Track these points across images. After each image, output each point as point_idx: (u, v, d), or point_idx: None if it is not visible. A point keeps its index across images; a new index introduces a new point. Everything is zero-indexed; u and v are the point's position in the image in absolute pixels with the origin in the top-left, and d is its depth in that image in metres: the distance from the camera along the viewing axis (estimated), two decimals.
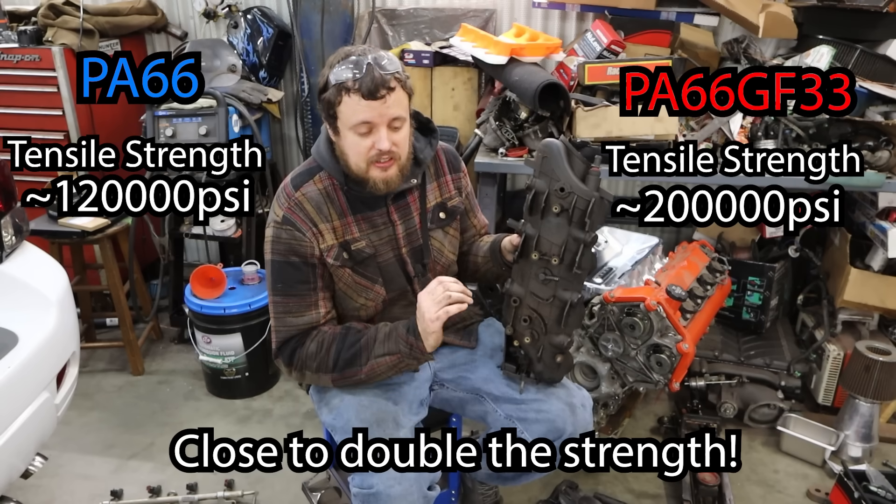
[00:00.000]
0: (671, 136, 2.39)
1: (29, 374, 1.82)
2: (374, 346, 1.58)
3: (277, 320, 1.64)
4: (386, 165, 1.55)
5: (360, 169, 1.56)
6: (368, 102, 1.47)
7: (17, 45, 3.00)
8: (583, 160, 1.52)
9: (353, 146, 1.54)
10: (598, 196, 1.47)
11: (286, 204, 1.61)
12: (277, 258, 1.61)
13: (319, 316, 1.63)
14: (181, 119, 2.87)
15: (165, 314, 3.31)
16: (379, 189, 1.58)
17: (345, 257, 1.62)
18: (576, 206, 1.48)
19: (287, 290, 1.61)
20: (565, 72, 2.66)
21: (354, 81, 1.47)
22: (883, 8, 2.52)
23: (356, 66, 1.47)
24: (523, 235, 1.56)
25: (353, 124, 1.51)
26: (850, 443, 2.43)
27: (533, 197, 1.53)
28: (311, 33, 3.13)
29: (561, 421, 1.63)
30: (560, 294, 1.55)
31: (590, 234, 1.49)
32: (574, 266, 1.52)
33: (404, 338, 1.56)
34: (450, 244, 1.78)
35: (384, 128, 1.51)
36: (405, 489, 1.49)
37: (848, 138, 2.47)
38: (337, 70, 1.49)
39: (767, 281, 2.78)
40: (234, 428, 2.69)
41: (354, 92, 1.47)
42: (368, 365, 1.58)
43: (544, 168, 1.52)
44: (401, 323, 1.59)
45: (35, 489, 2.35)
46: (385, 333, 1.59)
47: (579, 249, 1.50)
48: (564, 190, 1.49)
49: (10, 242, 2.05)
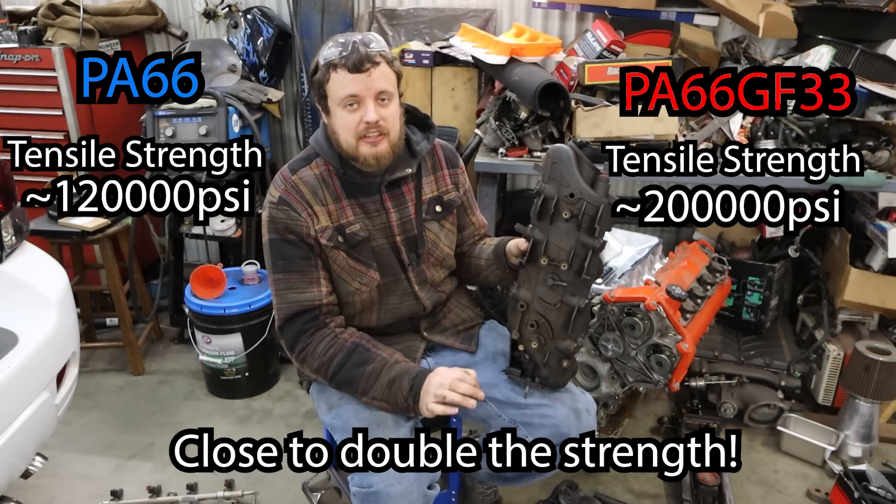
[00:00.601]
0: (671, 136, 2.39)
1: (29, 374, 1.82)
2: (375, 384, 1.58)
3: (279, 297, 1.64)
4: (375, 140, 1.57)
5: (351, 146, 1.58)
6: (354, 76, 1.52)
7: (17, 45, 3.00)
8: (592, 166, 1.52)
9: (343, 122, 1.57)
10: (607, 202, 1.48)
11: (282, 186, 1.64)
12: (275, 236, 1.63)
13: (321, 294, 1.63)
14: (181, 119, 2.87)
15: (165, 314, 3.32)
16: (370, 165, 1.60)
17: (339, 240, 1.64)
18: (585, 213, 1.48)
19: (288, 266, 1.62)
20: (565, 72, 2.66)
21: (341, 58, 1.52)
22: (883, 8, 2.52)
23: (343, 45, 1.53)
24: (531, 240, 1.56)
25: (341, 98, 1.54)
26: (850, 443, 2.43)
27: (542, 202, 1.53)
28: (311, 33, 3.13)
29: (566, 426, 1.63)
30: (568, 299, 1.55)
31: (599, 240, 1.50)
32: (583, 272, 1.52)
33: (404, 395, 1.56)
34: (446, 238, 1.78)
35: (371, 100, 1.54)
36: (405, 488, 1.49)
37: (848, 138, 2.47)
38: (325, 51, 1.55)
39: (767, 281, 2.78)
40: (234, 428, 2.69)
41: (341, 67, 1.52)
42: (365, 399, 1.60)
43: (553, 174, 1.52)
44: (407, 375, 1.57)
45: (35, 489, 2.35)
46: (389, 379, 1.57)
47: (588, 255, 1.50)
48: (574, 196, 1.49)
49: (10, 242, 2.05)
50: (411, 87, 2.91)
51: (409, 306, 1.76)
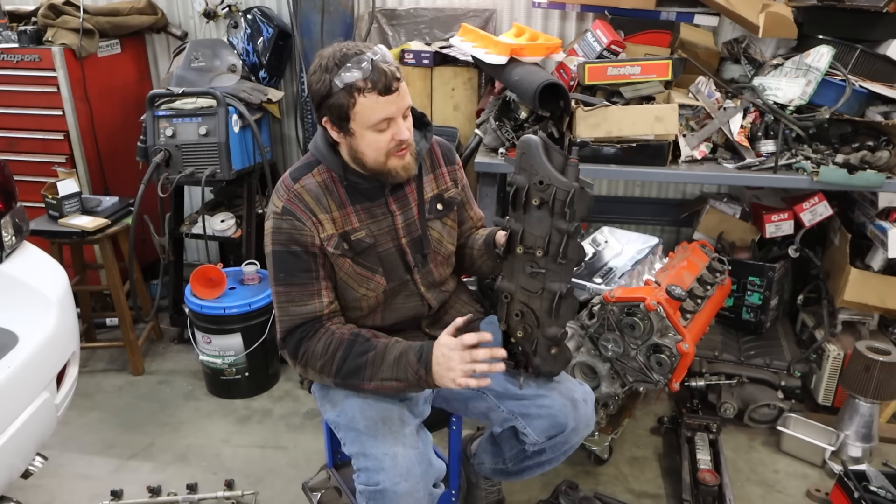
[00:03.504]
0: (671, 136, 2.39)
1: (29, 374, 1.82)
2: (381, 365, 1.57)
3: (281, 310, 1.64)
4: (403, 153, 1.58)
5: (379, 163, 1.58)
6: (386, 98, 1.49)
7: (17, 45, 3.00)
8: (561, 153, 1.54)
9: (373, 143, 1.54)
10: (577, 186, 1.49)
11: (285, 195, 1.62)
12: (279, 248, 1.62)
13: (322, 305, 1.63)
14: (181, 119, 2.87)
15: (165, 314, 3.31)
16: (400, 176, 1.61)
17: (345, 247, 1.63)
18: (556, 198, 1.50)
19: (289, 279, 1.61)
20: (565, 72, 2.66)
21: (366, 81, 1.47)
22: (883, 8, 2.52)
23: (361, 66, 1.47)
24: (508, 231, 1.58)
25: (374, 122, 1.51)
26: (850, 443, 2.43)
27: (514, 192, 1.55)
28: (311, 33, 3.13)
29: (563, 416, 1.64)
30: (549, 286, 1.56)
31: (572, 224, 1.50)
32: (559, 256, 1.53)
33: (414, 368, 1.54)
34: (448, 235, 1.79)
35: (401, 119, 1.54)
36: (411, 486, 1.49)
37: (848, 138, 2.47)
38: (344, 74, 1.47)
39: (767, 281, 2.78)
40: (234, 428, 2.69)
41: (369, 91, 1.48)
42: (373, 384, 1.58)
43: (523, 163, 1.53)
44: (411, 349, 1.57)
45: (35, 489, 2.34)
46: (395, 357, 1.57)
47: (563, 240, 1.52)
48: (543, 182, 1.50)
49: (10, 242, 2.05)
50: (411, 87, 2.90)
51: (415, 307, 1.76)
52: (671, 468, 2.44)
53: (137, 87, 3.41)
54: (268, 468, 2.46)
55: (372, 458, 1.52)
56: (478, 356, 1.50)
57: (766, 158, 2.39)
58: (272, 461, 2.50)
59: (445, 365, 1.51)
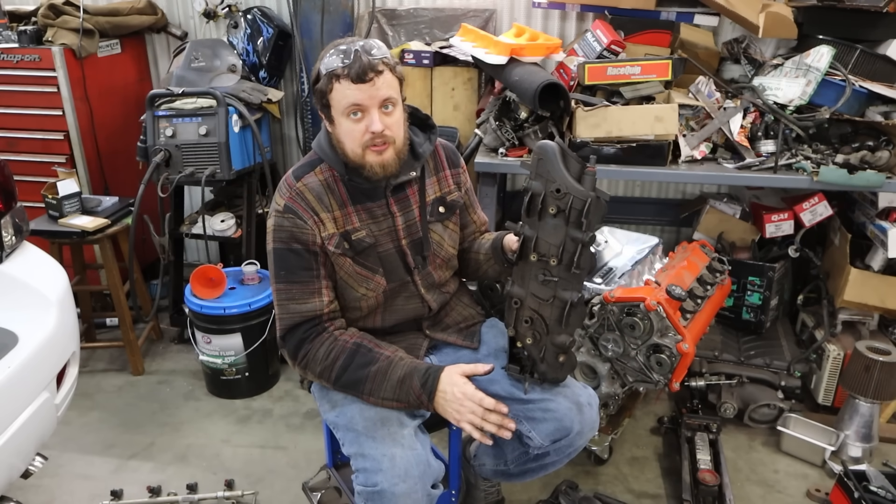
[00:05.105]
0: (671, 136, 2.39)
1: (29, 374, 1.82)
2: (383, 384, 1.58)
3: (281, 308, 1.64)
4: (381, 149, 1.57)
5: (357, 155, 1.58)
6: (358, 86, 1.51)
7: (17, 45, 3.00)
8: (578, 161, 1.52)
9: (348, 132, 1.56)
10: (594, 196, 1.48)
11: (287, 193, 1.63)
12: (280, 246, 1.62)
13: (323, 304, 1.63)
14: (181, 119, 2.86)
15: (165, 314, 3.31)
16: (376, 173, 1.60)
17: (346, 246, 1.63)
18: (572, 207, 1.49)
19: (290, 276, 1.62)
20: (565, 72, 2.66)
21: (343, 68, 1.51)
22: (883, 8, 2.52)
23: (345, 53, 1.51)
24: (521, 237, 1.57)
25: (344, 108, 1.54)
26: (850, 443, 2.43)
27: (530, 199, 1.54)
28: (311, 33, 3.13)
29: (568, 420, 1.64)
30: (560, 294, 1.55)
31: (587, 234, 1.49)
32: (573, 266, 1.52)
33: (416, 393, 1.56)
34: (449, 238, 1.79)
35: (375, 110, 1.54)
36: (409, 487, 1.49)
37: (848, 138, 2.47)
38: (327, 60, 1.54)
39: (767, 281, 2.78)
40: (234, 428, 2.69)
41: (344, 78, 1.51)
42: (373, 399, 1.60)
43: (540, 170, 1.52)
44: (416, 373, 1.58)
45: (35, 489, 2.34)
46: (398, 378, 1.57)
47: (577, 249, 1.51)
48: (560, 191, 1.49)
49: (10, 242, 2.05)
50: (411, 87, 2.90)
51: (415, 308, 1.76)
52: (671, 468, 2.44)
53: (137, 87, 3.41)
54: (268, 468, 2.46)
55: (370, 459, 1.52)
56: (490, 418, 1.54)
57: (766, 158, 2.39)
58: (272, 461, 2.50)
59: (454, 403, 1.54)
